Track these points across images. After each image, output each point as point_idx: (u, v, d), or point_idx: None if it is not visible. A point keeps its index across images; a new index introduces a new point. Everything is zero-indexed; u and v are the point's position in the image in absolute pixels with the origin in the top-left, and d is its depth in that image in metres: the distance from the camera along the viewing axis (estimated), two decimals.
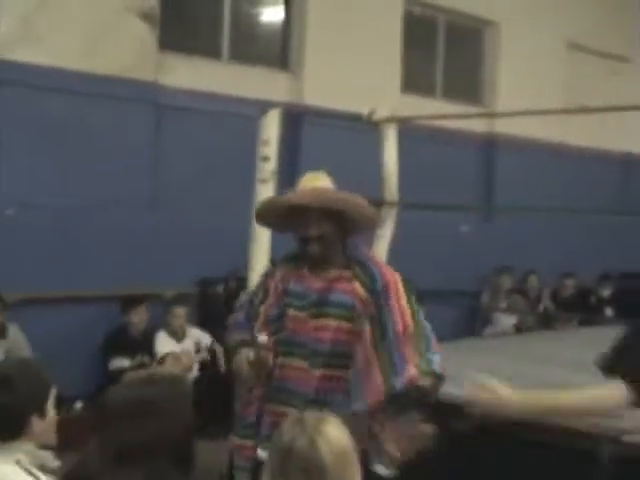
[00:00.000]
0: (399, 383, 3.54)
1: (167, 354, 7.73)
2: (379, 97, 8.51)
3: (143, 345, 7.78)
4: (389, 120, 6.36)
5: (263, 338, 3.73)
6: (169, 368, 7.39)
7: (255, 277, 5.53)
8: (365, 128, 6.47)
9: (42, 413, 2.89)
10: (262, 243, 5.50)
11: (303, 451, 2.20)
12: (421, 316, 3.71)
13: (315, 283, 3.78)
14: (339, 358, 3.70)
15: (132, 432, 2.41)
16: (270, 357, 3.73)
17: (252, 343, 3.78)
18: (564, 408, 2.97)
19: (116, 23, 8.06)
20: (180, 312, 7.97)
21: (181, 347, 7.92)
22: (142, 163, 8.26)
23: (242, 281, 6.17)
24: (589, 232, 10.85)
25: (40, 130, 7.64)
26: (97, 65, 7.87)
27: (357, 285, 3.71)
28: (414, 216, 7.35)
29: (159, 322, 7.97)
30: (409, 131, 7.29)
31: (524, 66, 11.45)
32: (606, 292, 11.00)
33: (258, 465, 3.52)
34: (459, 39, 11.66)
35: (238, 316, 4.05)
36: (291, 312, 3.79)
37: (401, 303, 3.67)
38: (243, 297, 4.20)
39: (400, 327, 3.61)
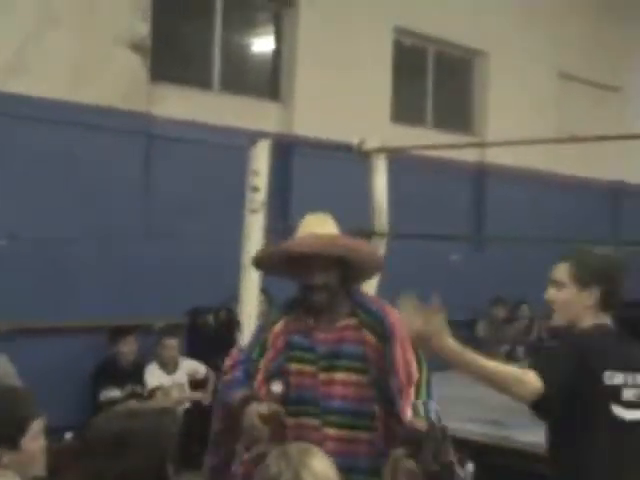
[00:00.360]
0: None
1: (157, 388, 7.70)
2: (369, 127, 8.53)
3: (133, 376, 7.76)
4: (379, 150, 6.36)
5: (277, 388, 3.47)
6: (159, 402, 7.36)
7: (246, 308, 5.53)
8: (355, 158, 6.47)
9: (13, 444, 2.87)
10: (252, 273, 5.48)
11: None
12: (424, 362, 3.51)
13: (322, 335, 3.54)
14: (355, 417, 3.48)
15: (108, 462, 2.41)
16: (283, 410, 3.41)
17: (259, 397, 3.46)
18: (486, 370, 3.12)
19: (107, 54, 8.09)
20: (171, 343, 7.93)
21: (172, 379, 7.89)
22: (133, 194, 8.26)
23: (232, 312, 6.16)
24: None
25: (30, 161, 7.63)
26: (88, 96, 7.88)
27: (366, 333, 3.50)
28: (405, 246, 7.34)
29: (149, 353, 7.94)
30: (399, 161, 7.30)
31: (514, 95, 11.51)
32: None
33: None
34: (449, 69, 11.73)
35: (235, 374, 3.66)
36: (294, 366, 3.53)
37: (407, 353, 3.45)
38: (234, 354, 3.80)
39: (402, 377, 3.40)
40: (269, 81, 9.93)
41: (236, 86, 9.44)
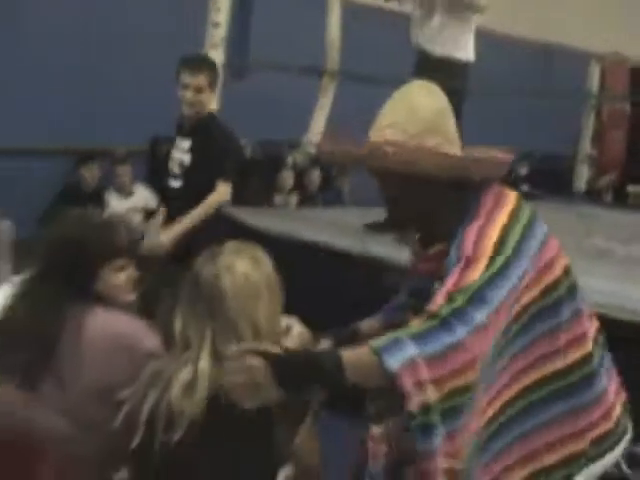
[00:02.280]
0: None
1: (114, 213, 7.93)
2: None
3: (95, 201, 7.91)
4: None
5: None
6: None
7: None
8: None
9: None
10: None
11: (208, 281, 2.26)
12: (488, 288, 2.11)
13: (418, 264, 2.50)
14: None
15: (43, 261, 2.72)
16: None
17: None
18: None
19: None
20: (123, 170, 8.17)
21: (130, 204, 8.17)
22: None
23: None
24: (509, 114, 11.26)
25: None
26: None
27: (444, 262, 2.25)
28: (356, 91, 7.49)
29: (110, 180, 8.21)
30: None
31: None
32: (523, 170, 11.59)
33: None
34: None
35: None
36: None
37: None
38: None
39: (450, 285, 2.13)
40: None
41: None
